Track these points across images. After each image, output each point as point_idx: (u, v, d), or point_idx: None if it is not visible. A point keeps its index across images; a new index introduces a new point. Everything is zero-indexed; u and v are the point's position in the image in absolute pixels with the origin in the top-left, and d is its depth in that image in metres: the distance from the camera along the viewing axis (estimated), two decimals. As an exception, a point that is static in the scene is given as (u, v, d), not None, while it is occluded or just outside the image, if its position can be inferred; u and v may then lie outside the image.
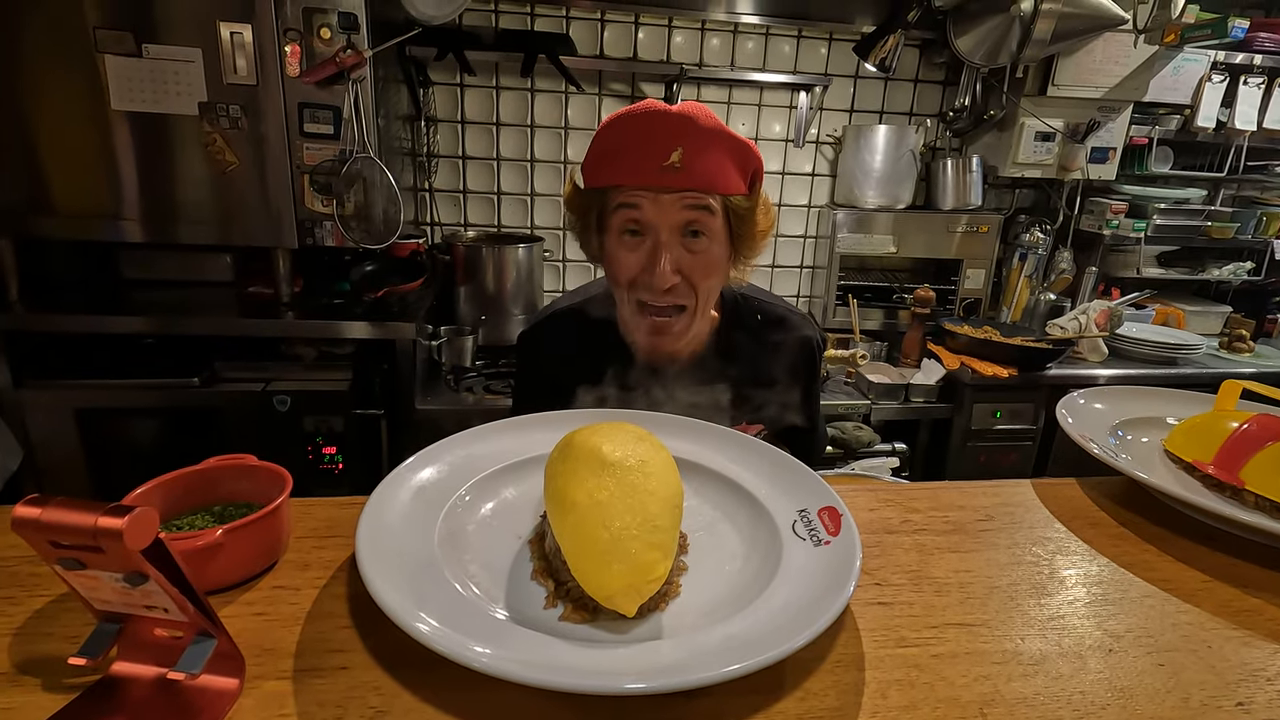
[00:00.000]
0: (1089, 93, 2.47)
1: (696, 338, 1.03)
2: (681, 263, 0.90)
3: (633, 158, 0.86)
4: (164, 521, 0.57)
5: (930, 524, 0.71)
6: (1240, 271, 2.92)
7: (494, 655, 0.42)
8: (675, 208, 0.87)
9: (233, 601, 0.53)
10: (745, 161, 0.91)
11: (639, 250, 0.90)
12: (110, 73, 1.80)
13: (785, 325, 1.10)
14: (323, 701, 0.44)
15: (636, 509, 0.51)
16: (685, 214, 0.88)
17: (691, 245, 0.90)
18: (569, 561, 0.51)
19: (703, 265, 0.91)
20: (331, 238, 2.00)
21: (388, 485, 0.59)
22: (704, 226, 0.89)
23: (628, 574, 0.48)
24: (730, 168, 0.88)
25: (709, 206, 0.88)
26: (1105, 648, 0.54)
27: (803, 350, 1.11)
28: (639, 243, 0.90)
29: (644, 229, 0.89)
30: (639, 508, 0.52)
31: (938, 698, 0.48)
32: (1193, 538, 0.71)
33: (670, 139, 0.84)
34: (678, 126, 0.84)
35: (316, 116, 1.91)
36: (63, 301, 1.99)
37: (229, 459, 0.60)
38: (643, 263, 0.90)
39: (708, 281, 0.93)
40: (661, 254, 0.88)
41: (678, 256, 0.89)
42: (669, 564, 0.52)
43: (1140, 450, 0.84)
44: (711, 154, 0.86)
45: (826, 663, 0.51)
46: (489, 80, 2.46)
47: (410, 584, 0.49)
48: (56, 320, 1.92)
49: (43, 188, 1.86)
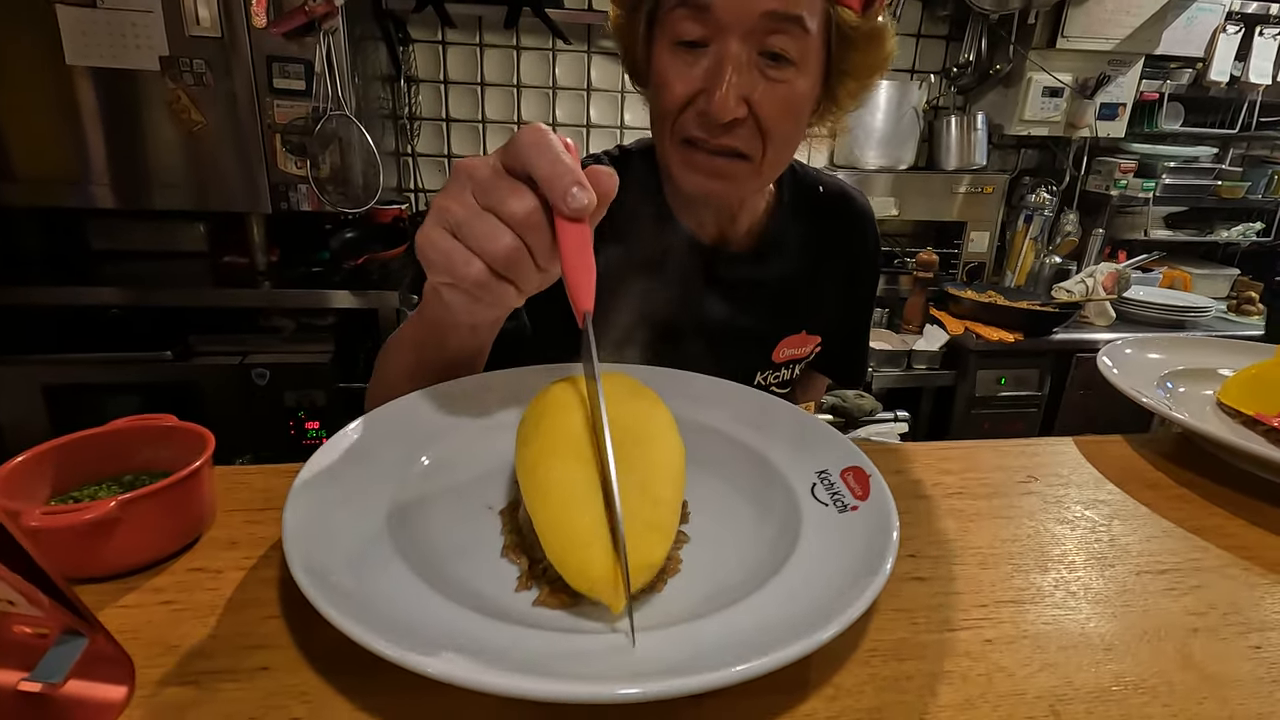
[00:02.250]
0: (1099, 45, 2.36)
1: (753, 213, 0.82)
2: (753, 92, 0.65)
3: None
4: (61, 494, 0.48)
5: (966, 487, 0.62)
6: (1250, 232, 2.83)
7: (449, 659, 0.33)
8: (755, 12, 0.62)
9: (136, 588, 0.44)
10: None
11: (696, 67, 0.66)
12: (64, 24, 1.68)
13: (850, 205, 0.89)
14: (233, 712, 0.35)
15: (632, 484, 0.42)
16: (768, 23, 0.63)
17: (770, 71, 0.65)
18: (543, 542, 0.41)
19: (782, 101, 0.66)
20: (307, 202, 1.89)
21: (330, 448, 0.49)
22: (791, 48, 0.64)
23: (615, 559, 0.39)
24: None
25: (802, 20, 0.63)
26: (1188, 627, 0.46)
27: (870, 238, 0.92)
28: (698, 57, 0.65)
29: (708, 37, 0.65)
30: (635, 483, 0.43)
31: (998, 693, 0.39)
32: (1266, 499, 0.62)
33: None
34: None
35: (286, 71, 1.79)
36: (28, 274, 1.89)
37: (141, 419, 0.50)
38: (699, 83, 0.65)
39: (784, 126, 0.68)
40: (726, 71, 0.63)
41: (749, 82, 0.65)
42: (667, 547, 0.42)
43: (1193, 404, 0.75)
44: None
45: (859, 652, 0.42)
46: (472, 37, 2.33)
47: (349, 567, 0.39)
48: (21, 293, 1.82)
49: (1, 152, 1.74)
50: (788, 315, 0.87)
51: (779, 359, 0.88)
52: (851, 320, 0.98)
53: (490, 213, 0.43)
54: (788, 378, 0.91)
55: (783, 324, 0.87)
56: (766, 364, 0.87)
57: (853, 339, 1.00)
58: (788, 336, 0.87)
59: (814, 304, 0.89)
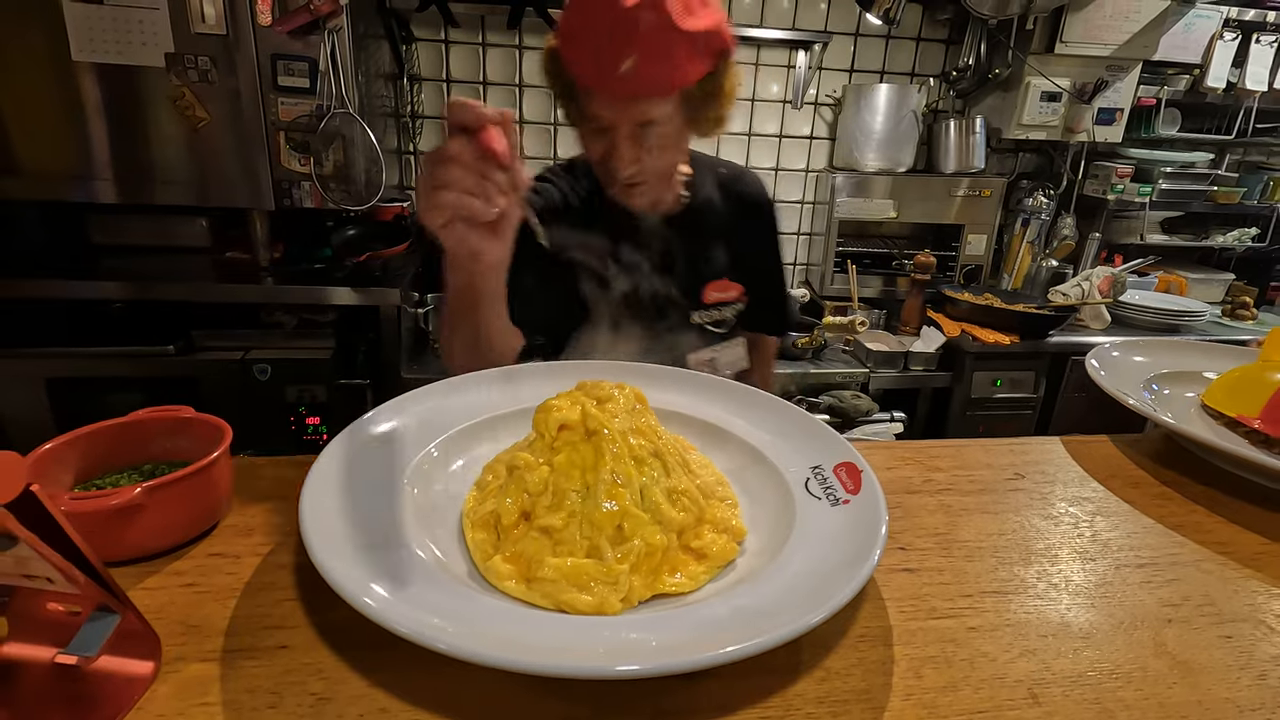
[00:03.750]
0: (1098, 50, 2.37)
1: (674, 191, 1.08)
2: (639, 152, 0.93)
3: (590, 52, 0.86)
4: (84, 481, 0.49)
5: (955, 483, 0.64)
6: (1245, 238, 2.85)
7: (458, 633, 0.35)
8: (629, 110, 0.89)
9: (159, 571, 0.46)
10: (709, 45, 0.89)
11: (602, 140, 0.94)
12: (70, 20, 1.69)
13: (744, 177, 1.16)
14: (254, 687, 0.37)
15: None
16: (639, 115, 0.90)
17: (646, 136, 0.92)
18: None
19: (659, 148, 0.94)
20: (310, 199, 1.90)
21: (342, 440, 0.51)
22: (658, 118, 0.91)
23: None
24: (690, 60, 0.87)
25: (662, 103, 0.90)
26: (1162, 618, 0.48)
27: (765, 205, 1.17)
28: (601, 133, 0.93)
29: (607, 128, 0.92)
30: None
31: (980, 677, 0.42)
32: (1244, 498, 0.64)
33: (625, 45, 0.82)
34: (632, 30, 0.81)
35: (291, 69, 1.80)
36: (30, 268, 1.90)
37: (161, 410, 0.52)
38: (604, 151, 0.94)
39: (666, 158, 0.97)
40: (620, 148, 0.92)
41: (634, 150, 0.92)
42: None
43: (1177, 406, 0.77)
44: (670, 57, 0.85)
45: (849, 638, 0.44)
46: (474, 36, 2.35)
47: (362, 551, 0.41)
48: (23, 286, 1.83)
49: (5, 145, 1.75)
50: (709, 263, 1.09)
51: (708, 301, 1.10)
52: (766, 269, 1.20)
53: (447, 163, 0.58)
54: (719, 319, 1.12)
55: (706, 270, 1.09)
56: (698, 304, 1.09)
57: (772, 288, 1.21)
58: (711, 281, 1.10)
59: (729, 255, 1.11)
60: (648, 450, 0.49)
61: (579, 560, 0.43)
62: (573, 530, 0.45)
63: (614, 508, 0.45)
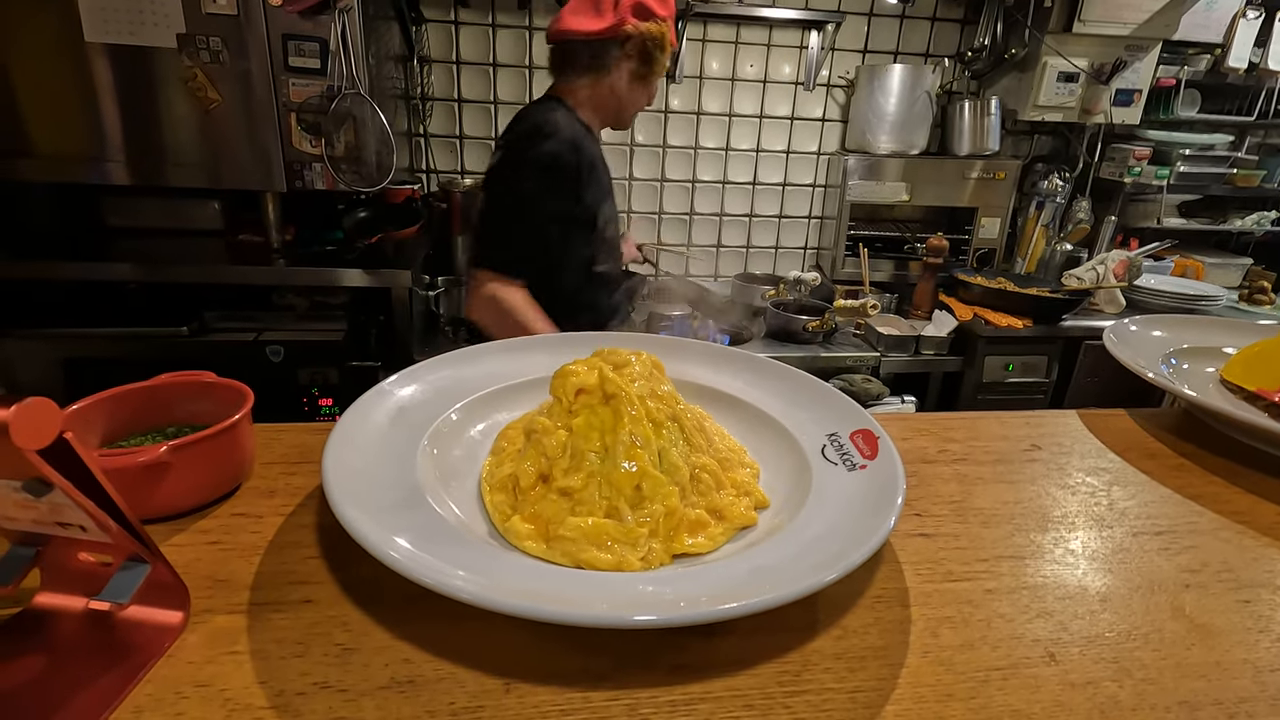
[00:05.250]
0: (1117, 29, 2.34)
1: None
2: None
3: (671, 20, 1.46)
4: (110, 443, 0.50)
5: (971, 454, 0.64)
6: (1264, 221, 2.81)
7: (479, 582, 0.35)
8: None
9: (185, 529, 0.46)
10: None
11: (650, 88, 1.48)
12: (83, 2, 1.69)
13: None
14: (281, 638, 0.38)
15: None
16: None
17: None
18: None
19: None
20: (322, 180, 1.91)
21: (364, 403, 0.52)
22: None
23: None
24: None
25: None
26: (1180, 583, 0.48)
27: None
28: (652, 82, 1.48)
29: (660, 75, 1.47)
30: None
31: (997, 636, 0.42)
32: (1264, 471, 0.64)
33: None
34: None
35: (302, 50, 1.80)
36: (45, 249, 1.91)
37: (183, 375, 0.53)
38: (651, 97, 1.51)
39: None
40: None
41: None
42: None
43: (1195, 381, 0.76)
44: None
45: (865, 598, 0.44)
46: (484, 17, 2.34)
47: (384, 507, 0.42)
48: (40, 267, 1.85)
49: (19, 127, 1.77)
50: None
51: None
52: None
53: None
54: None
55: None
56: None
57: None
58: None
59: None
60: (665, 414, 0.50)
61: (599, 520, 0.43)
62: (591, 491, 0.45)
63: (633, 468, 0.45)
